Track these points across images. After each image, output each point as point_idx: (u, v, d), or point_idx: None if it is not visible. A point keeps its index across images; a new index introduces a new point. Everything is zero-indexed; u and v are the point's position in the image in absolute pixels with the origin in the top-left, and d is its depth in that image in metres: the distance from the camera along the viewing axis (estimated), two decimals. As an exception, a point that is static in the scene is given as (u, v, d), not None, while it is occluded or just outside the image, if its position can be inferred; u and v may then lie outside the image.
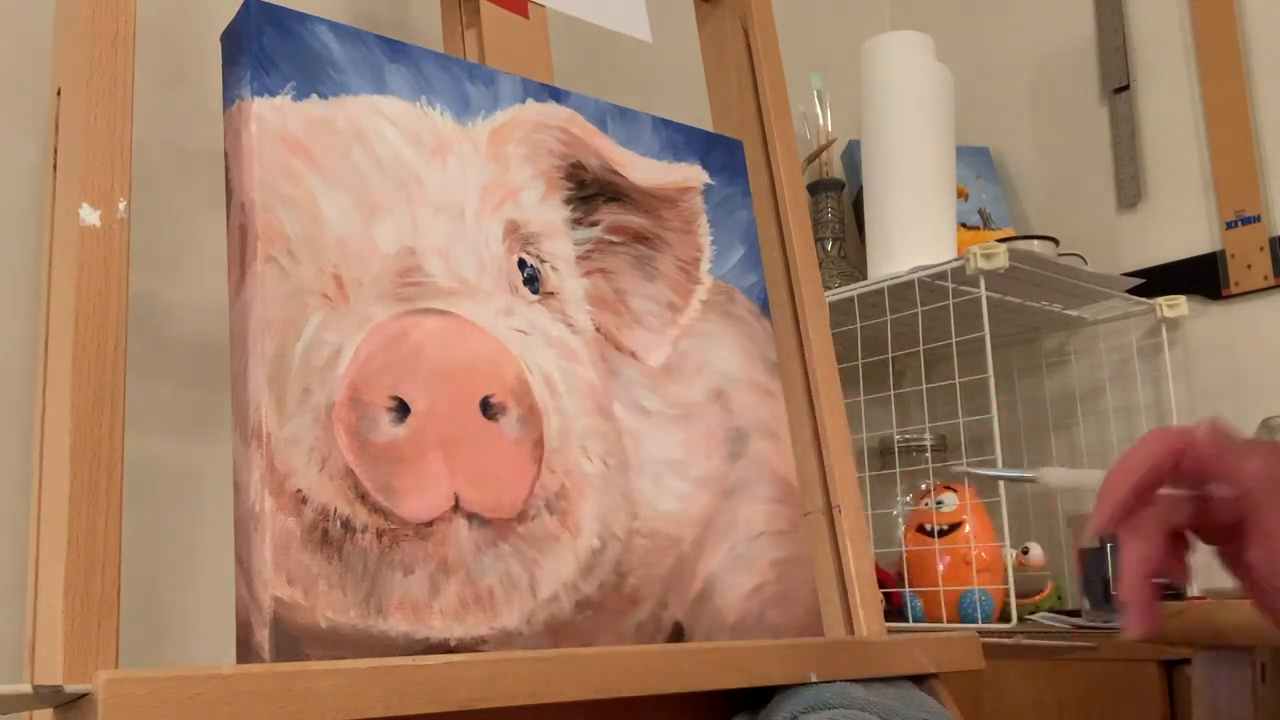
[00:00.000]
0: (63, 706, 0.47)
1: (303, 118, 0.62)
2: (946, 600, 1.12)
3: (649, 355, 0.73)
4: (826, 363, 0.83)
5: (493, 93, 0.71)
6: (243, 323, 0.59)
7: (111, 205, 0.55)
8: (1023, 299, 1.24)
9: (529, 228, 0.69)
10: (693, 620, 0.69)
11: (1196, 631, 0.74)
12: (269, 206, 0.59)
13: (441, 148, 0.67)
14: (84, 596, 0.49)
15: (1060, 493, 1.19)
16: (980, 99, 1.53)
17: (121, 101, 0.57)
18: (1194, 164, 1.35)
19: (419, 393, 0.60)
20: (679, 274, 0.77)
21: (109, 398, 0.53)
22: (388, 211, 0.63)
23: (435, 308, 0.63)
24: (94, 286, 0.54)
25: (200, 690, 0.46)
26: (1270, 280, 1.27)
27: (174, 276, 0.87)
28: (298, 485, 0.56)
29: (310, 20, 0.64)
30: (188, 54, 0.91)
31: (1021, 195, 1.52)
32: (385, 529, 0.58)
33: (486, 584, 0.60)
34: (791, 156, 0.88)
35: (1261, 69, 1.31)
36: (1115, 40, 1.42)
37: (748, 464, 0.75)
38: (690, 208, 0.79)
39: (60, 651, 0.48)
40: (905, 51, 1.26)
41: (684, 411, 0.73)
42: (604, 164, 0.75)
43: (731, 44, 0.91)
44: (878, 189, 1.26)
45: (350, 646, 0.55)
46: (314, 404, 0.58)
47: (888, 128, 1.25)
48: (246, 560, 0.56)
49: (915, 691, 0.72)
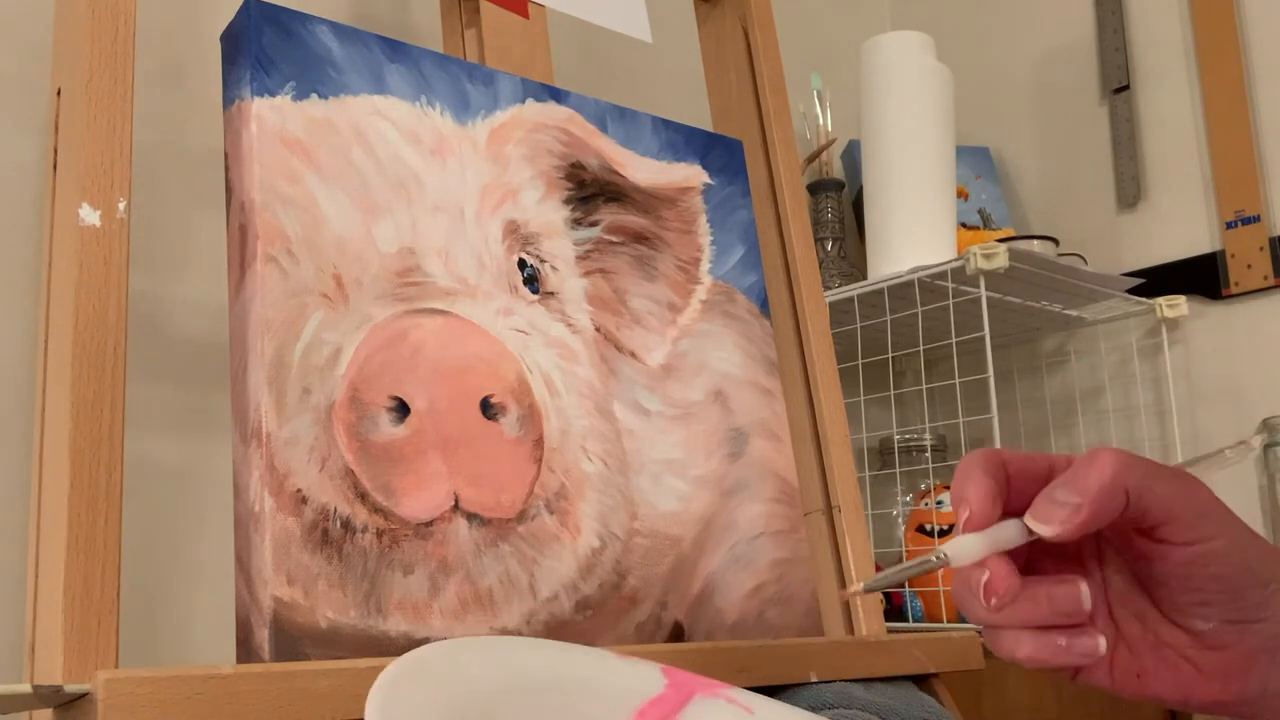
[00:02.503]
0: (63, 706, 0.47)
1: (302, 118, 0.62)
2: (947, 600, 1.12)
3: (649, 355, 0.73)
4: (826, 363, 0.83)
5: (492, 93, 0.71)
6: (242, 323, 0.59)
7: (111, 205, 0.55)
8: (1023, 299, 1.24)
9: (529, 228, 0.69)
10: (693, 620, 0.69)
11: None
12: (269, 206, 0.59)
13: (441, 148, 0.67)
14: (84, 596, 0.49)
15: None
16: (980, 99, 1.53)
17: (121, 101, 0.57)
18: (1194, 164, 1.35)
19: (419, 393, 0.60)
20: (679, 274, 0.77)
21: (109, 398, 0.53)
22: (387, 211, 0.63)
23: (435, 308, 0.63)
24: (94, 286, 0.54)
25: (200, 690, 0.46)
26: (1270, 280, 1.27)
27: (174, 276, 0.87)
28: (297, 485, 0.56)
29: (310, 20, 0.64)
30: (188, 54, 0.91)
31: (1021, 195, 1.52)
32: (385, 529, 0.58)
33: (486, 584, 0.60)
34: (791, 156, 0.88)
35: (1261, 69, 1.31)
36: (1115, 40, 1.42)
37: (748, 464, 0.75)
38: (690, 208, 0.79)
39: (60, 651, 0.48)
40: (905, 51, 1.26)
41: (684, 411, 0.73)
42: (604, 164, 0.75)
43: (731, 44, 0.91)
44: (878, 189, 1.26)
45: (350, 646, 0.55)
46: (314, 404, 0.58)
47: (888, 128, 1.25)
48: (246, 560, 0.56)
49: (915, 691, 0.72)
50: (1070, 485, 0.40)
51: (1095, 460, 0.40)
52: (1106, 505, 0.40)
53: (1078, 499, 0.40)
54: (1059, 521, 0.40)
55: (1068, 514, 0.40)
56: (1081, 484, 0.40)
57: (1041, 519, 0.41)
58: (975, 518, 0.41)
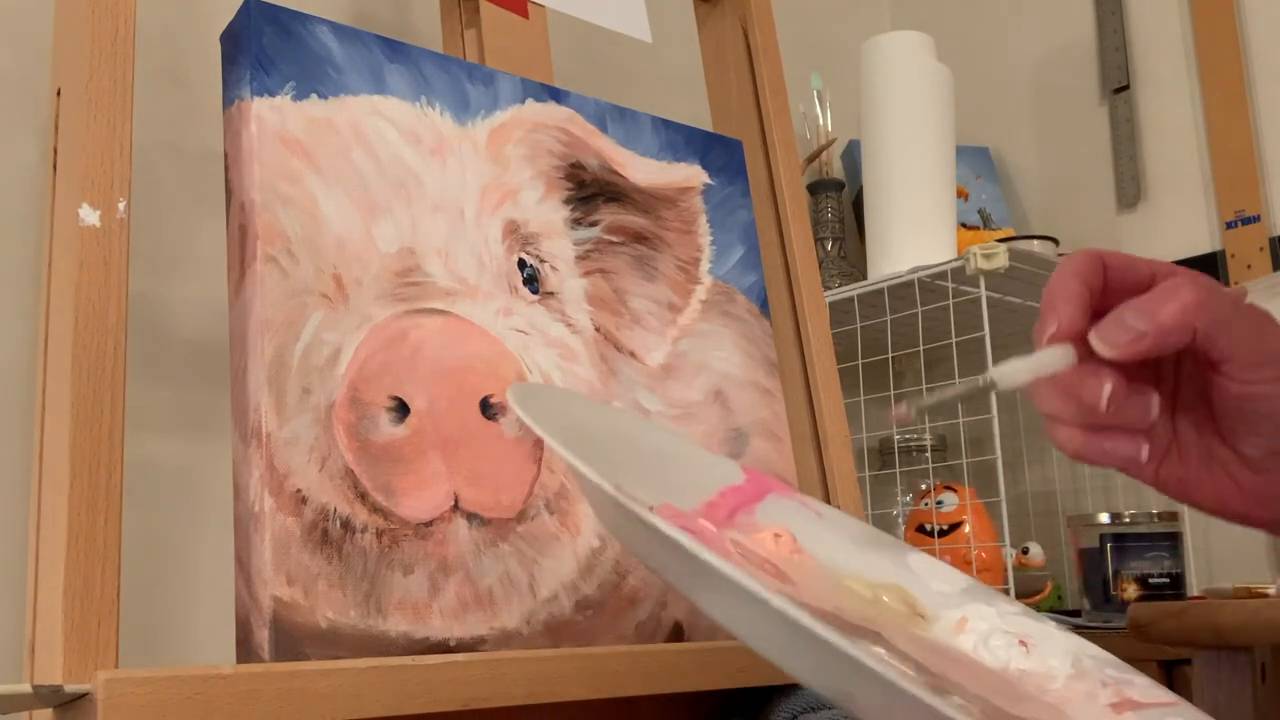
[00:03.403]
0: (63, 706, 0.47)
1: (302, 118, 0.62)
2: (946, 600, 1.11)
3: (648, 355, 0.73)
4: (826, 363, 0.83)
5: (492, 93, 0.71)
6: (242, 323, 0.59)
7: (111, 205, 0.55)
8: (1023, 299, 1.24)
9: (528, 228, 0.69)
10: (692, 620, 0.69)
11: (1196, 631, 0.74)
12: (269, 206, 0.59)
13: (441, 148, 0.67)
14: (84, 596, 0.49)
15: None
16: (980, 99, 1.53)
17: (121, 101, 0.57)
18: (1194, 164, 1.35)
19: (419, 392, 0.60)
20: (678, 274, 0.77)
21: (109, 398, 0.53)
22: (387, 211, 0.63)
23: (435, 308, 0.63)
24: (94, 286, 0.54)
25: (200, 690, 0.46)
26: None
27: (174, 276, 0.87)
28: (297, 485, 0.56)
29: (310, 20, 0.64)
30: (188, 54, 0.91)
31: (1021, 195, 1.52)
32: (385, 529, 0.58)
33: (486, 584, 0.60)
34: (791, 156, 0.88)
35: (1261, 69, 1.31)
36: (1115, 40, 1.42)
37: (748, 464, 0.75)
38: (690, 208, 0.79)
39: (60, 651, 0.48)
40: (905, 51, 1.26)
41: (684, 411, 0.73)
42: (603, 164, 0.75)
43: (731, 44, 0.91)
44: (878, 189, 1.26)
45: (350, 646, 0.55)
46: (314, 404, 0.58)
47: (887, 128, 1.25)
48: (246, 560, 0.56)
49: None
50: (1142, 311, 0.41)
51: (1175, 292, 0.41)
52: (1170, 339, 0.41)
53: (1144, 326, 0.40)
54: (1122, 345, 0.41)
55: (1130, 339, 0.41)
56: (1152, 312, 0.41)
57: (1106, 340, 0.41)
58: (1061, 331, 0.42)
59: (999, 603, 0.47)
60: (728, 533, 0.45)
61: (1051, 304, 0.42)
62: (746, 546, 0.44)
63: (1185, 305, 0.40)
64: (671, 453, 0.50)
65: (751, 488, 0.49)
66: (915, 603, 0.46)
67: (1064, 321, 0.42)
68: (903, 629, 0.43)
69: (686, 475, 0.48)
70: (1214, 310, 0.40)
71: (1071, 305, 0.42)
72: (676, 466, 0.48)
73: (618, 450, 0.46)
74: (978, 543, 1.14)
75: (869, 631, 0.40)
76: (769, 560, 0.44)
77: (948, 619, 0.46)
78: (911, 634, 0.43)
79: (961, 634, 0.45)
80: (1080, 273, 0.43)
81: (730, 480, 0.49)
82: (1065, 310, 0.42)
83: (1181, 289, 0.41)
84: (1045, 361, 0.42)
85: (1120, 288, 0.43)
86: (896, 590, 0.46)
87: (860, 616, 0.42)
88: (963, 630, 0.45)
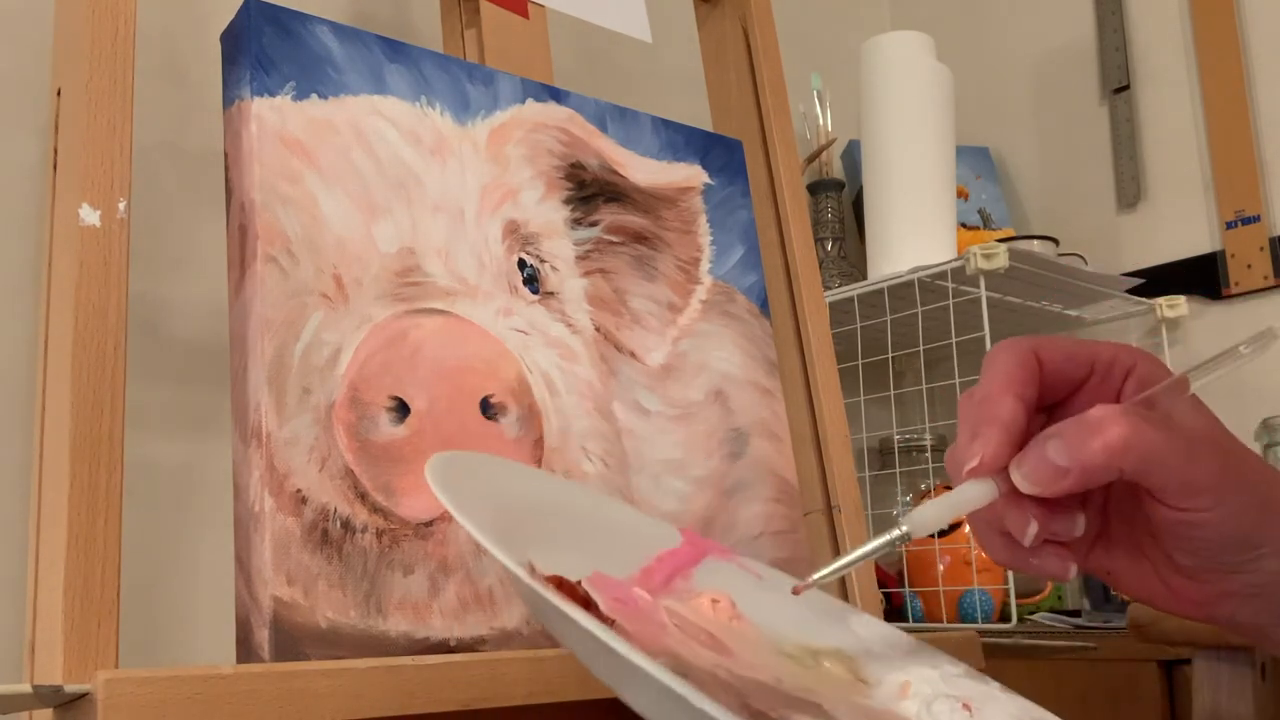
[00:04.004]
0: (63, 706, 0.47)
1: (302, 118, 0.62)
2: (947, 600, 1.12)
3: (648, 355, 0.73)
4: (826, 363, 0.83)
5: (492, 93, 0.71)
6: (242, 323, 0.59)
7: (111, 205, 0.55)
8: (1023, 299, 1.24)
9: (529, 228, 0.69)
10: (692, 620, 0.69)
11: (1196, 631, 0.74)
12: (269, 206, 0.59)
13: (441, 148, 0.67)
14: (84, 596, 0.49)
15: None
16: (980, 99, 1.53)
17: (121, 101, 0.57)
18: (1194, 164, 1.35)
19: (419, 393, 0.60)
20: (679, 274, 0.77)
21: (109, 398, 0.53)
22: (387, 211, 0.63)
23: (435, 308, 0.63)
24: (94, 286, 0.54)
25: (200, 690, 0.46)
26: (1270, 280, 1.27)
27: (174, 276, 0.87)
28: (297, 485, 0.56)
29: (310, 20, 0.64)
30: (188, 54, 0.91)
31: (1021, 195, 1.52)
32: (385, 529, 0.58)
33: (486, 584, 0.60)
34: (791, 156, 0.88)
35: (1261, 69, 1.31)
36: (1115, 40, 1.43)
37: (748, 464, 0.75)
38: (690, 208, 0.79)
39: (60, 651, 0.48)
40: (905, 51, 1.26)
41: (684, 411, 0.73)
42: (604, 164, 0.75)
43: (731, 44, 0.91)
44: (877, 189, 1.26)
45: (350, 646, 0.55)
46: (314, 404, 0.58)
47: (887, 128, 1.25)
48: (246, 560, 0.56)
49: (915, 691, 0.72)
50: (1066, 445, 0.38)
51: (1101, 428, 0.38)
52: (1095, 479, 0.39)
53: (1066, 463, 0.38)
54: (1044, 484, 0.39)
55: (1052, 478, 0.38)
56: (1076, 449, 0.38)
57: (1029, 478, 0.39)
58: (984, 467, 0.40)
59: (943, 664, 0.46)
60: (663, 600, 0.43)
61: (976, 428, 0.40)
62: (682, 615, 0.43)
63: (1111, 447, 0.38)
64: (607, 518, 0.49)
65: (689, 551, 0.48)
66: (858, 668, 0.45)
67: (987, 457, 0.39)
68: (845, 697, 0.42)
69: (621, 541, 0.46)
70: (1142, 447, 0.38)
71: (998, 433, 0.39)
72: (610, 533, 0.47)
73: (547, 519, 0.44)
74: (977, 543, 1.14)
75: (809, 704, 0.39)
76: (705, 630, 0.42)
77: (891, 683, 0.44)
78: (853, 702, 0.42)
79: (905, 699, 0.43)
80: (1013, 382, 0.40)
81: (667, 544, 0.48)
82: (992, 437, 0.39)
83: (1108, 425, 0.38)
84: (964, 500, 0.40)
85: (1057, 384, 0.42)
86: (838, 655, 0.45)
87: (799, 687, 0.40)
88: (906, 695, 0.44)
